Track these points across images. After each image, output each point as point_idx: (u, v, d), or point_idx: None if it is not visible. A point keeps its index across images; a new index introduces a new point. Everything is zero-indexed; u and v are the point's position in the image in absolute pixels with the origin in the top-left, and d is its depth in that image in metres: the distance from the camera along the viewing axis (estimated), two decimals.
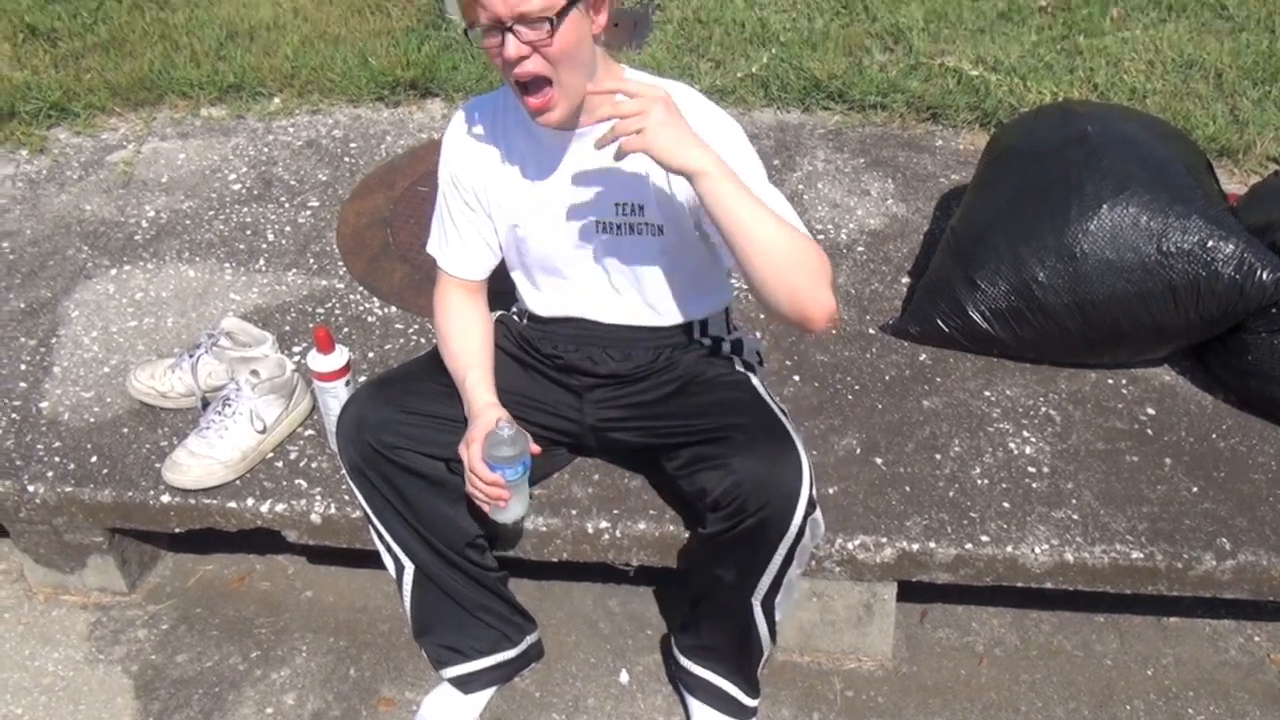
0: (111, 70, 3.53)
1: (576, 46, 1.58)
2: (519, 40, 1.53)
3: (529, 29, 1.53)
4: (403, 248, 2.81)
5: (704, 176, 1.52)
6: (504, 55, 1.55)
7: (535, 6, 1.52)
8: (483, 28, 1.56)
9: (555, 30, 1.53)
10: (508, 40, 1.53)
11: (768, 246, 1.56)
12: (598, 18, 1.62)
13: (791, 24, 3.68)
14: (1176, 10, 3.72)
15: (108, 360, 2.48)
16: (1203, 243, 2.17)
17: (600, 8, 1.61)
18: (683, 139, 1.52)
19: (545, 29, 1.53)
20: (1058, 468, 2.18)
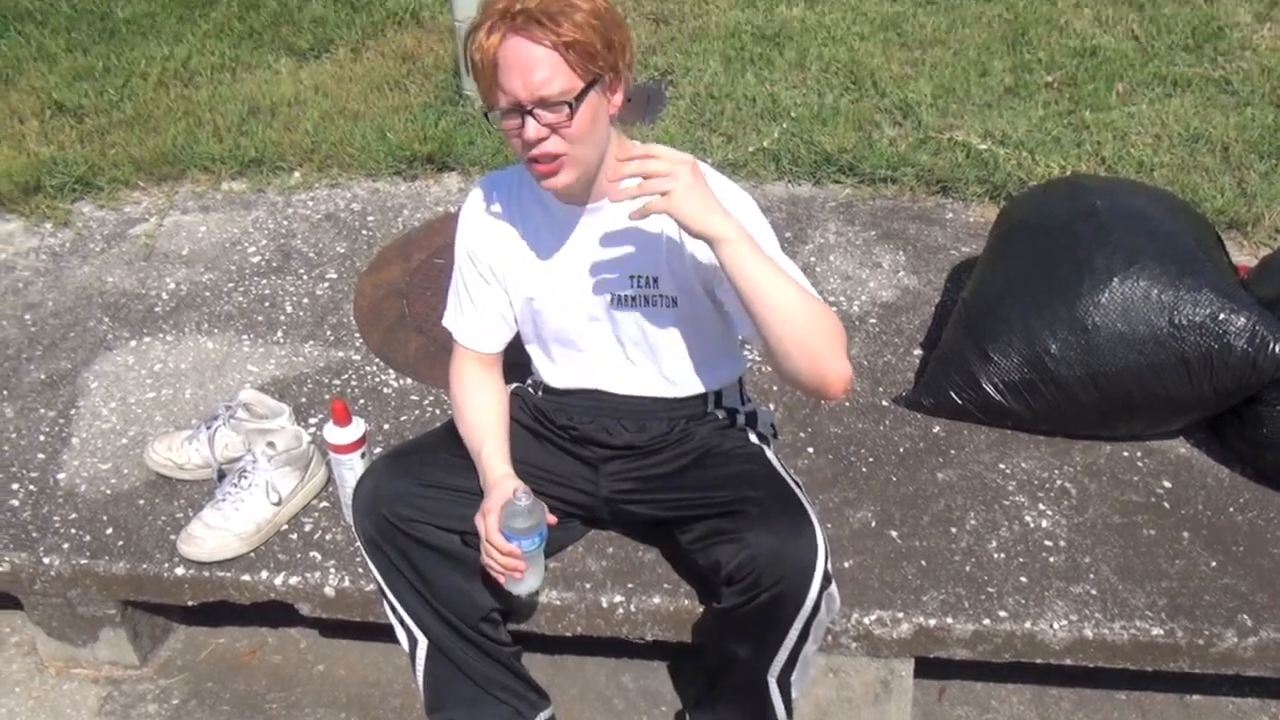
0: (136, 145, 3.60)
1: (593, 126, 1.62)
2: (538, 123, 1.57)
3: (549, 112, 1.57)
4: (418, 319, 2.84)
5: (726, 242, 1.55)
6: (523, 137, 1.59)
7: (555, 91, 1.56)
8: (502, 110, 1.60)
9: (574, 113, 1.57)
10: (527, 123, 1.58)
11: (787, 313, 1.57)
12: (614, 98, 1.66)
13: (802, 99, 3.74)
14: (1181, 85, 3.77)
15: (125, 431, 2.50)
16: (1214, 315, 2.18)
17: (616, 88, 1.66)
18: (708, 204, 1.55)
19: (565, 112, 1.57)
20: (1075, 541, 2.17)
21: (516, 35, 1.55)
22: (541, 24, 1.53)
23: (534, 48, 1.55)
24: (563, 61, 1.56)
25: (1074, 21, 4.25)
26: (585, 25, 1.56)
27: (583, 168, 1.66)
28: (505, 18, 1.55)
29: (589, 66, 1.58)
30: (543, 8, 1.54)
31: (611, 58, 1.61)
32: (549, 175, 1.64)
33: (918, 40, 4.13)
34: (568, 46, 1.55)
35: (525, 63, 1.56)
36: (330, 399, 2.57)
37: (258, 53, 4.21)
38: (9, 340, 2.81)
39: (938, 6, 4.41)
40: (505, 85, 1.58)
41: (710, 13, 4.42)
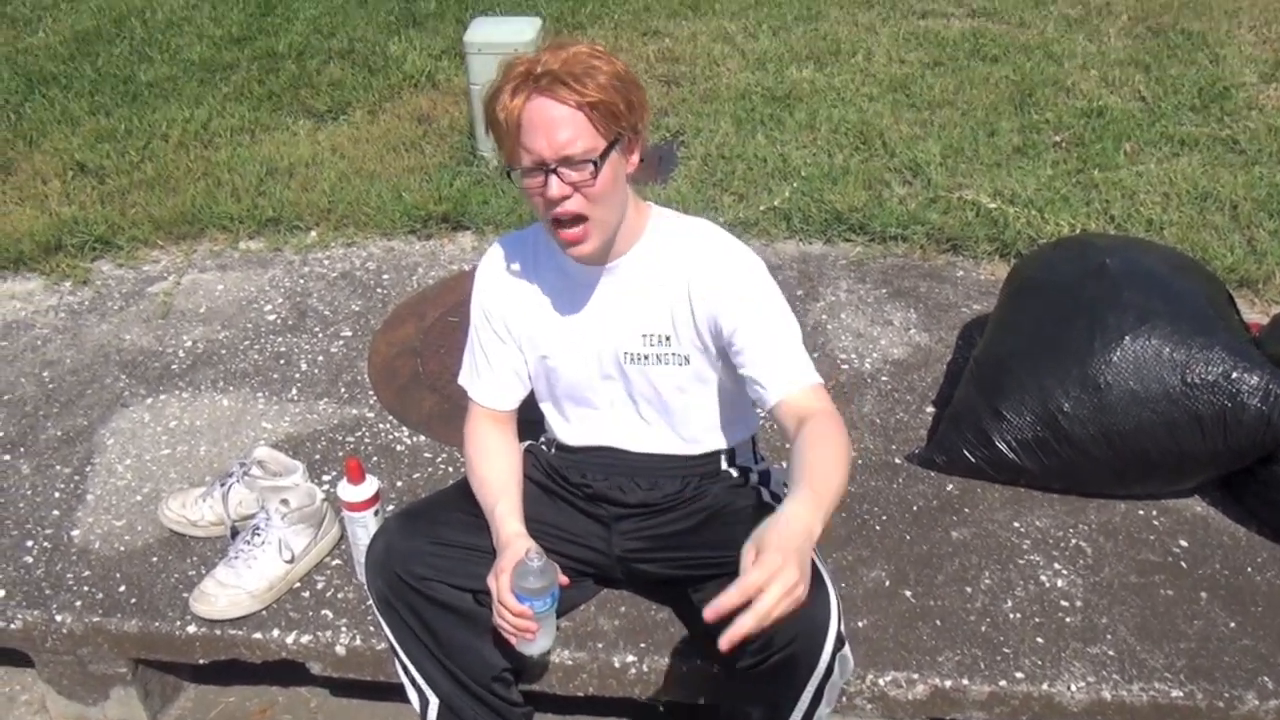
0: (156, 205, 3.66)
1: (614, 186, 1.66)
2: (562, 181, 1.60)
3: (572, 170, 1.61)
4: (432, 377, 2.86)
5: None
6: (546, 195, 1.62)
7: (579, 150, 1.59)
8: (525, 169, 1.63)
9: (598, 172, 1.60)
10: (550, 181, 1.61)
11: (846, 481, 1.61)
12: (631, 158, 1.70)
13: (812, 159, 3.79)
14: (1189, 145, 3.81)
15: (140, 488, 2.51)
16: (1227, 374, 2.18)
17: (634, 148, 1.70)
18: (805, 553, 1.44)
19: (589, 170, 1.60)
20: (1091, 601, 2.15)
21: (541, 96, 1.59)
22: (566, 84, 1.57)
23: (558, 107, 1.58)
24: (586, 121, 1.59)
25: (1080, 83, 4.30)
26: (608, 86, 1.59)
27: (605, 230, 1.69)
28: (529, 79, 1.59)
29: (611, 126, 1.62)
30: (566, 69, 1.57)
31: (632, 118, 1.65)
32: (575, 242, 1.67)
33: (926, 101, 4.19)
34: (592, 106, 1.59)
35: (550, 122, 1.59)
36: (344, 456, 2.58)
37: (276, 115, 4.29)
38: (27, 397, 2.84)
39: (945, 68, 4.47)
40: (529, 144, 1.61)
41: (721, 75, 4.50)
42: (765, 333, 1.73)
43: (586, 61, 1.59)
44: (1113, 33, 4.77)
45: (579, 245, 1.68)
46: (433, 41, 4.89)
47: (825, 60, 4.59)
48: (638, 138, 1.69)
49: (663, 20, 5.07)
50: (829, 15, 5.06)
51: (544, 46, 1.63)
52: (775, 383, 1.70)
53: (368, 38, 4.94)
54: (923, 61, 4.55)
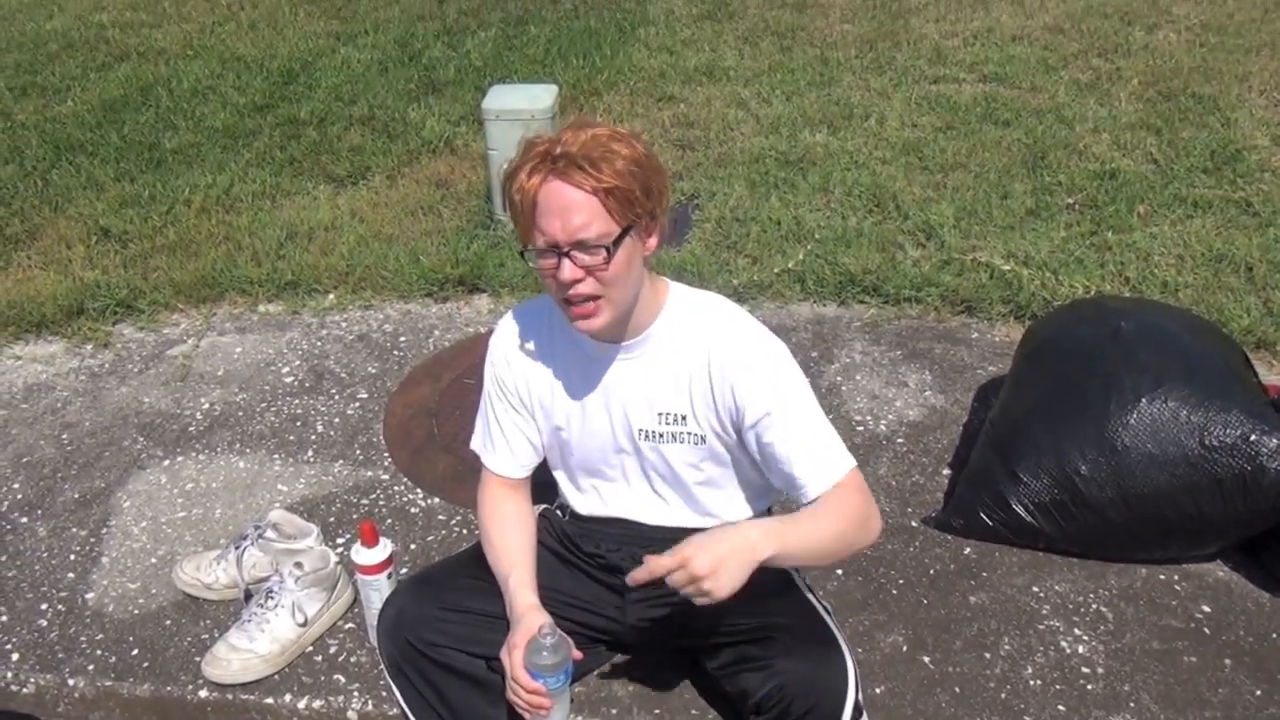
0: (177, 269, 3.71)
1: (628, 269, 1.65)
2: (575, 264, 1.60)
3: (586, 254, 1.60)
4: (447, 439, 2.87)
5: (773, 560, 1.58)
6: (559, 277, 1.62)
7: (592, 234, 1.59)
8: (538, 250, 1.63)
9: (611, 257, 1.60)
10: (563, 264, 1.61)
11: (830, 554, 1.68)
12: (649, 241, 1.69)
13: (826, 222, 3.81)
14: (1202, 207, 3.82)
15: (155, 551, 2.51)
16: (1245, 437, 2.16)
17: (652, 232, 1.69)
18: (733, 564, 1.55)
19: (602, 255, 1.60)
20: (1113, 668, 2.11)
21: (557, 179, 1.58)
22: (583, 169, 1.57)
23: (574, 191, 1.58)
24: (601, 206, 1.59)
25: (1092, 146, 4.33)
26: (625, 172, 1.59)
27: (617, 309, 1.69)
28: (546, 161, 1.59)
29: (627, 212, 1.61)
30: (584, 153, 1.57)
31: (649, 204, 1.64)
32: (585, 317, 1.67)
33: (939, 164, 4.23)
34: (607, 192, 1.58)
35: (564, 206, 1.59)
36: (358, 519, 2.58)
37: (297, 180, 4.36)
38: (45, 459, 2.86)
39: (957, 132, 4.52)
40: (543, 226, 1.61)
41: (735, 139, 4.55)
42: (794, 426, 1.70)
43: (605, 145, 1.59)
44: (1123, 97, 4.81)
45: (589, 320, 1.67)
46: (451, 108, 4.98)
47: (838, 124, 4.65)
48: (655, 222, 1.68)
49: (678, 86, 5.14)
50: (841, 81, 5.13)
51: (566, 126, 1.64)
52: (813, 481, 1.69)
53: (388, 105, 5.03)
54: (935, 125, 4.60)
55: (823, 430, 1.72)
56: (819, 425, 1.72)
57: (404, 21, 6.25)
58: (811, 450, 1.70)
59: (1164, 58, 5.24)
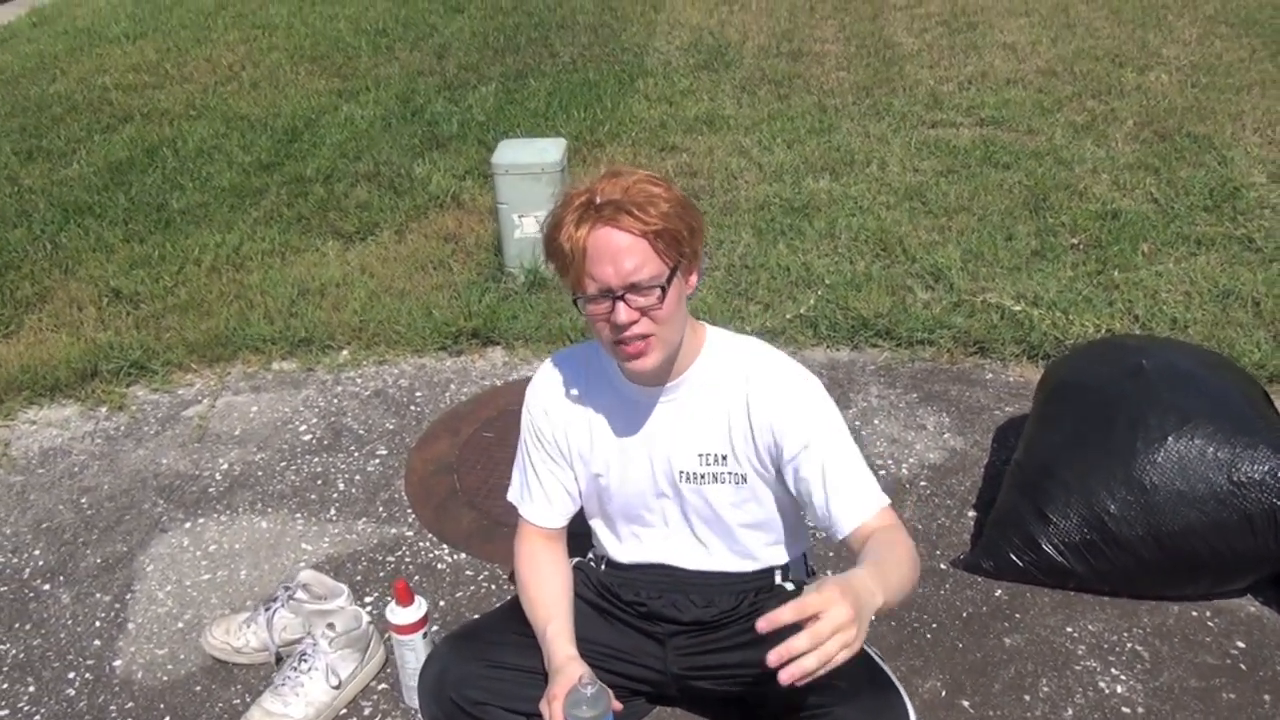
0: (189, 329, 3.71)
1: (678, 308, 1.69)
2: (629, 307, 1.63)
3: (640, 296, 1.63)
4: (470, 493, 2.86)
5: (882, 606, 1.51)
6: (613, 320, 1.64)
7: (645, 276, 1.62)
8: (590, 296, 1.65)
9: (665, 297, 1.63)
10: (618, 307, 1.63)
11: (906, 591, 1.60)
12: (690, 279, 1.73)
13: (834, 267, 3.85)
14: (1205, 244, 3.86)
15: (181, 615, 2.49)
16: (1274, 471, 2.18)
17: (692, 270, 1.73)
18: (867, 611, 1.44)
19: (655, 296, 1.63)
20: (1153, 708, 2.11)
21: (606, 225, 1.62)
22: (631, 214, 1.61)
23: (623, 236, 1.62)
24: (651, 249, 1.63)
25: (1093, 187, 4.39)
26: (670, 214, 1.63)
27: (668, 348, 1.71)
28: (591, 209, 1.62)
29: (674, 252, 1.65)
30: (630, 199, 1.61)
31: (694, 242, 1.69)
32: (637, 355, 1.68)
33: (942, 208, 4.27)
34: (656, 234, 1.62)
35: (616, 251, 1.62)
36: (385, 577, 2.57)
37: (306, 237, 4.39)
38: (65, 525, 2.85)
39: (958, 176, 4.57)
40: (595, 272, 1.63)
41: (740, 187, 4.60)
42: (832, 461, 1.72)
43: (648, 190, 1.63)
44: (1120, 138, 4.89)
45: (641, 359, 1.69)
46: (456, 163, 5.02)
47: (840, 171, 4.70)
48: (696, 260, 1.73)
49: (679, 136, 5.20)
50: (841, 128, 5.20)
51: (600, 176, 1.67)
52: (847, 514, 1.70)
53: (393, 160, 5.07)
54: (936, 170, 4.65)
55: (859, 466, 1.74)
56: (856, 460, 1.74)
57: (404, 78, 6.32)
58: (849, 484, 1.72)
59: (1157, 98, 5.33)
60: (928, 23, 6.96)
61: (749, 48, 6.60)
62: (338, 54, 6.91)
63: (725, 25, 7.14)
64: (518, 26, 7.35)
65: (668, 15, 7.49)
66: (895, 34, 6.74)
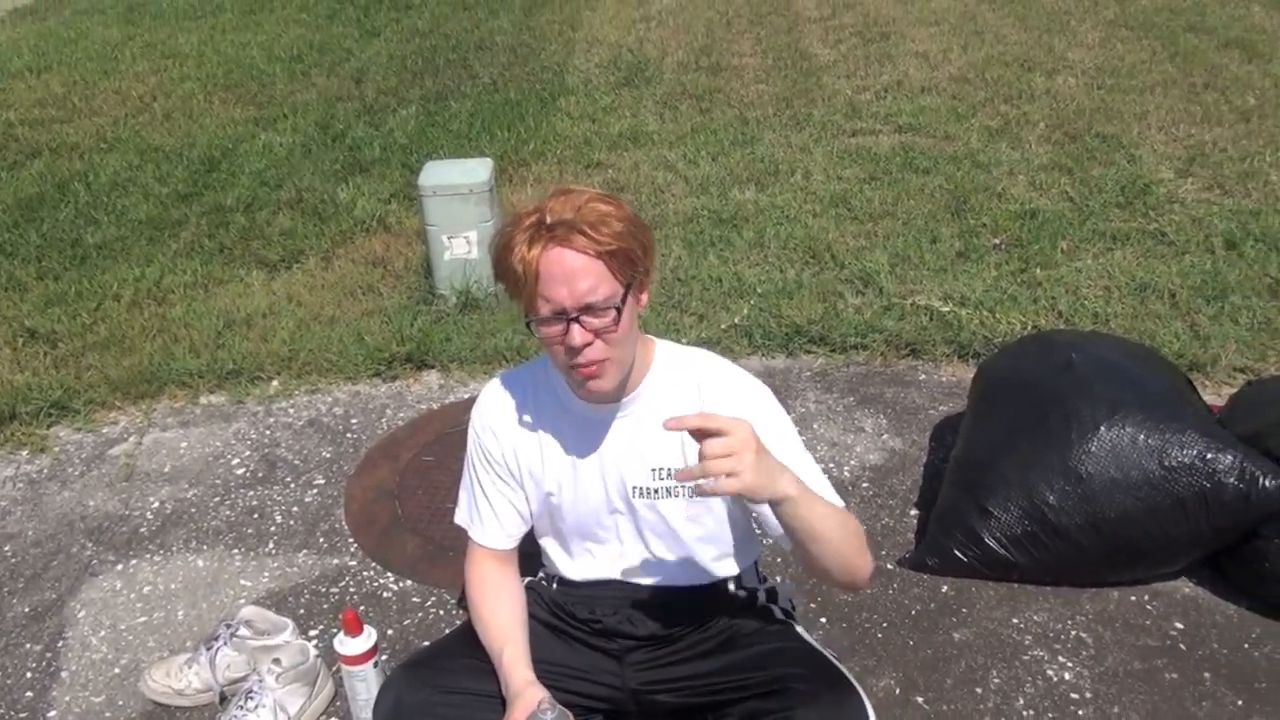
0: (112, 366, 3.61)
1: (631, 327, 1.67)
2: (584, 329, 1.61)
3: (594, 317, 1.61)
4: (412, 519, 2.82)
5: (787, 502, 1.55)
6: (567, 343, 1.62)
7: (600, 297, 1.60)
8: (544, 318, 1.63)
9: (620, 318, 1.62)
10: (573, 329, 1.60)
11: (831, 541, 1.63)
12: (642, 296, 1.72)
13: (766, 276, 3.88)
14: (1120, 240, 3.98)
15: (118, 660, 2.41)
16: (1202, 455, 2.24)
17: (644, 288, 1.71)
18: (771, 474, 1.52)
19: (611, 316, 1.61)
20: (1100, 692, 2.15)
21: (558, 246, 1.59)
22: (585, 234, 1.58)
23: (577, 257, 1.58)
24: (605, 269, 1.60)
25: (1010, 188, 4.50)
26: (624, 233, 1.61)
27: (622, 368, 1.70)
28: (544, 229, 1.59)
29: (628, 271, 1.62)
30: (582, 218, 1.58)
31: (647, 261, 1.66)
32: (593, 378, 1.66)
33: (867, 214, 4.34)
34: (610, 255, 1.59)
35: (570, 272, 1.59)
36: (329, 609, 2.52)
37: (229, 267, 4.30)
38: None
39: (881, 182, 4.66)
40: (549, 294, 1.60)
41: (668, 201, 4.63)
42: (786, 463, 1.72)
43: (599, 209, 1.60)
44: (1033, 140, 5.02)
45: (599, 381, 1.67)
46: (380, 186, 4.97)
47: (765, 181, 4.75)
48: (648, 278, 1.71)
49: (604, 152, 5.22)
50: (763, 139, 5.26)
51: (549, 194, 1.65)
52: None
53: (315, 187, 5.00)
54: (859, 177, 4.73)
55: (813, 471, 1.74)
56: (810, 466, 1.74)
57: (322, 104, 6.24)
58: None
59: (1066, 101, 5.49)
60: (842, 34, 7.09)
61: (668, 63, 6.65)
62: (252, 82, 6.80)
63: (643, 42, 7.19)
64: (435, 49, 7.31)
65: (585, 33, 7.52)
66: (811, 46, 6.85)
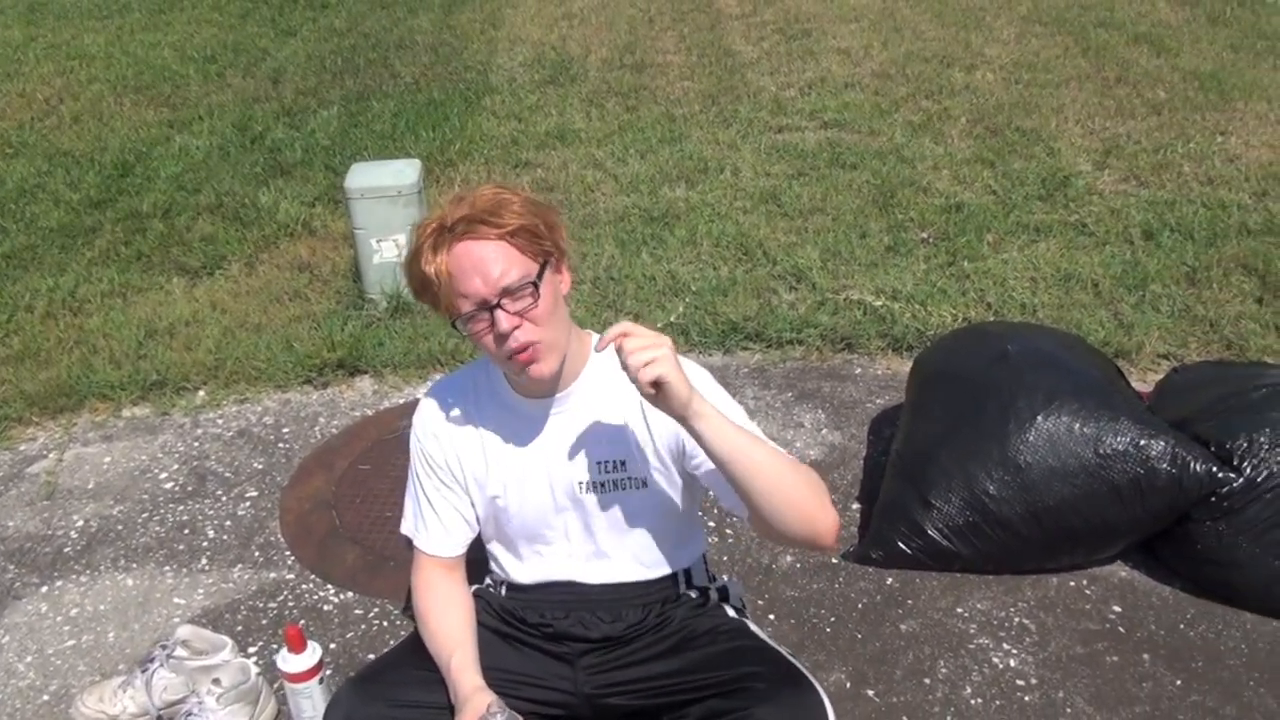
0: (27, 380, 3.47)
1: (555, 306, 1.67)
2: (508, 313, 1.61)
3: (513, 301, 1.61)
4: (351, 529, 2.76)
5: (703, 417, 1.57)
6: (496, 330, 1.62)
7: (515, 278, 1.61)
8: (467, 315, 1.63)
9: (539, 295, 1.61)
10: (497, 317, 1.61)
11: (772, 474, 1.61)
12: (563, 276, 1.72)
13: (699, 274, 3.89)
14: (1043, 232, 4.07)
15: (46, 687, 2.32)
16: (1135, 442, 2.30)
17: (562, 266, 1.72)
18: (688, 383, 1.57)
19: (529, 294, 1.61)
20: (1045, 677, 2.19)
21: (463, 240, 1.61)
22: (485, 222, 1.60)
23: (484, 245, 1.61)
24: (513, 249, 1.62)
25: (935, 182, 4.58)
26: (523, 212, 1.63)
27: (557, 351, 1.69)
28: (445, 230, 1.62)
29: (537, 248, 1.64)
30: (479, 209, 1.61)
31: (553, 236, 1.68)
32: (532, 362, 1.66)
33: (797, 210, 4.38)
34: (513, 234, 1.61)
35: (479, 261, 1.61)
36: (267, 625, 2.45)
37: (148, 275, 4.16)
38: None
39: (809, 178, 4.69)
40: (465, 289, 1.61)
41: (597, 199, 4.60)
42: None
43: (495, 197, 1.63)
44: (955, 135, 5.11)
45: (536, 365, 1.66)
46: (303, 189, 4.86)
47: (695, 179, 4.76)
48: (564, 256, 1.72)
49: (531, 152, 5.18)
50: (691, 136, 5.27)
51: (446, 201, 1.67)
52: None
53: (235, 190, 4.87)
54: (787, 173, 4.76)
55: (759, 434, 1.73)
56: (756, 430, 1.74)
57: (239, 105, 6.09)
58: None
59: (985, 96, 5.60)
60: (764, 30, 7.13)
61: (592, 61, 6.63)
62: (164, 83, 6.60)
63: (566, 40, 7.16)
64: (354, 48, 7.19)
65: (507, 32, 7.46)
66: (734, 43, 6.89)
